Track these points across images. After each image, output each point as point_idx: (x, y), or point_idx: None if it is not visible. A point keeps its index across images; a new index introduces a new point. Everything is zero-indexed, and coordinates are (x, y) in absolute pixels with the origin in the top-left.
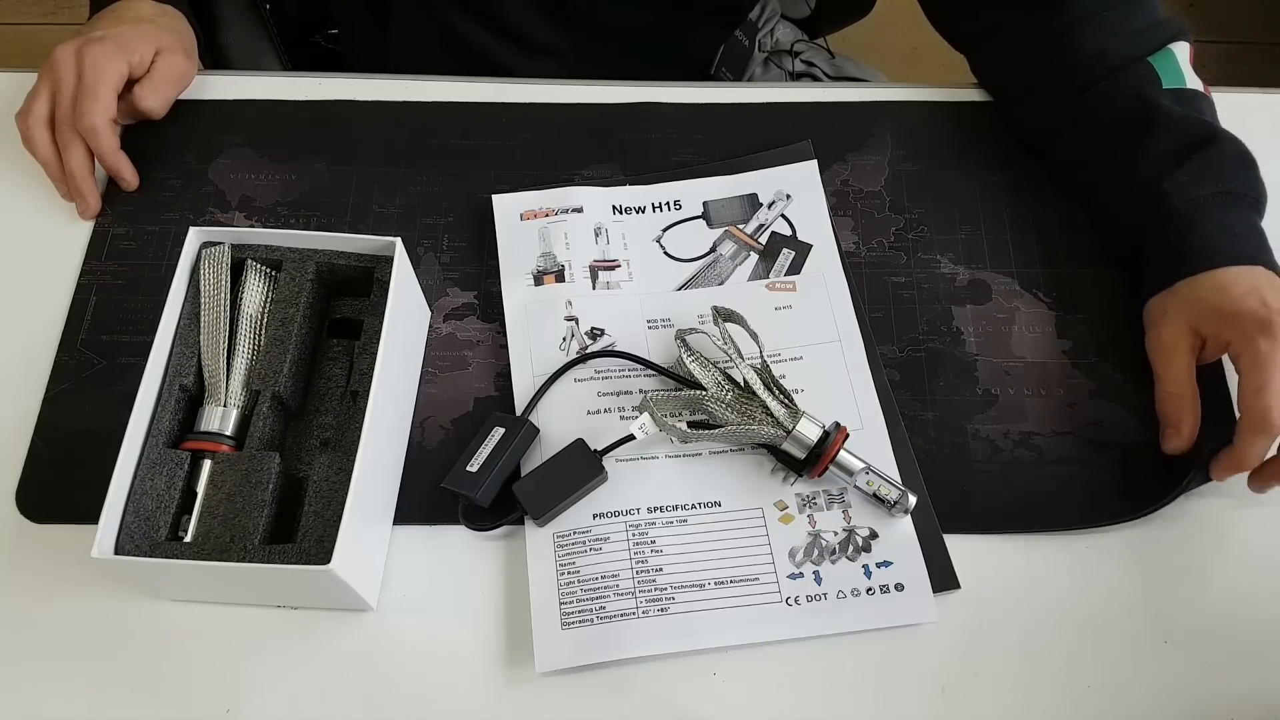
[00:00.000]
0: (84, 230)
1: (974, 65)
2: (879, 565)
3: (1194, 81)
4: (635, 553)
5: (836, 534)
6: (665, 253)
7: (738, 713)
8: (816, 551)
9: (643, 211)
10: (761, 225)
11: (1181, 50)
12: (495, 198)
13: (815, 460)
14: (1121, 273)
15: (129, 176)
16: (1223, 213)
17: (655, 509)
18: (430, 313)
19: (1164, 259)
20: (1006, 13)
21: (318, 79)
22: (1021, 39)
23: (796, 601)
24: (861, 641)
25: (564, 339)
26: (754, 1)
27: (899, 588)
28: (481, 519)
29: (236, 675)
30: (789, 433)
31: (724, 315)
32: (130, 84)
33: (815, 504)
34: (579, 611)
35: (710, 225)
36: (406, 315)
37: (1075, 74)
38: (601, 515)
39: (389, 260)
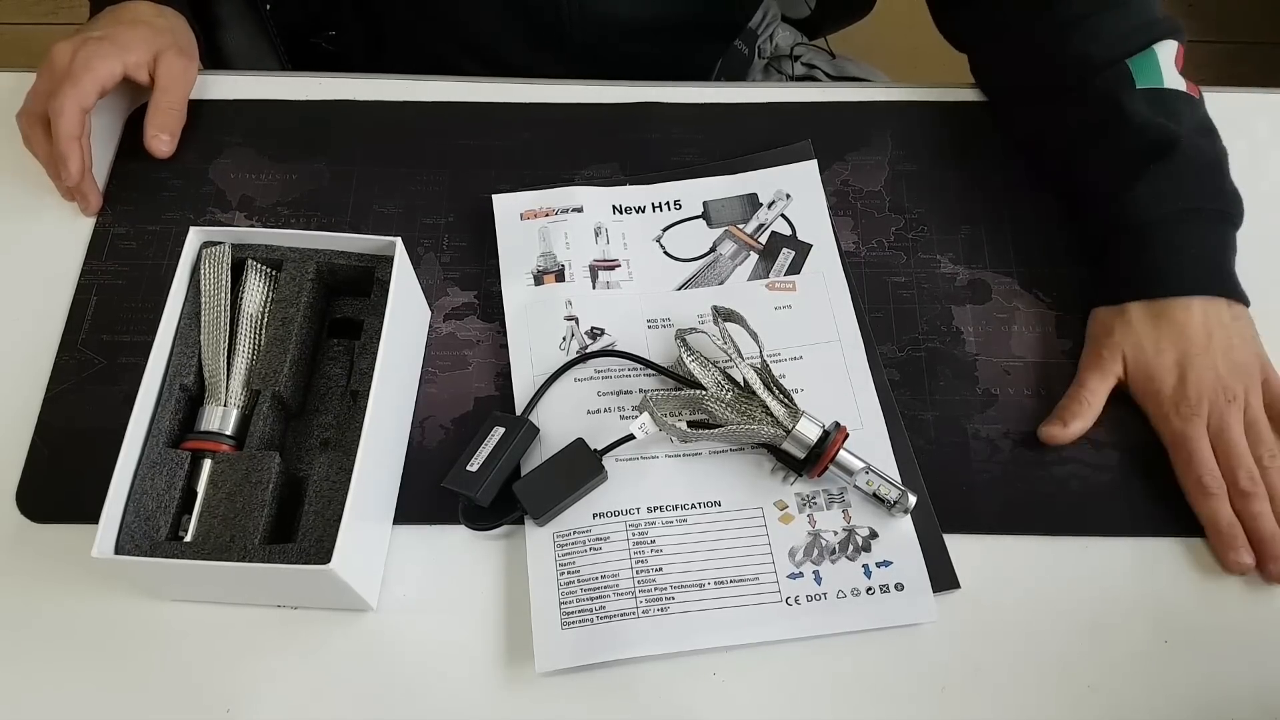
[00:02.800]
0: (84, 230)
1: (973, 67)
2: (879, 565)
3: (1173, 80)
4: (635, 552)
5: (836, 534)
6: (665, 252)
7: (738, 713)
8: (816, 551)
9: (643, 211)
10: (761, 225)
11: (1166, 50)
12: (495, 198)
13: (815, 460)
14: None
15: (74, 168)
16: (1179, 233)
17: (655, 509)
18: (430, 313)
19: (1116, 274)
20: (1001, 16)
21: (318, 79)
22: (1014, 42)
23: (796, 601)
24: (861, 641)
25: (564, 339)
26: (752, 12)
27: (899, 588)
28: (481, 519)
29: (236, 675)
30: (789, 432)
31: (724, 315)
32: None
33: (815, 504)
34: (579, 611)
35: (710, 225)
36: (406, 315)
37: (1058, 77)
38: (601, 515)
39: (389, 260)
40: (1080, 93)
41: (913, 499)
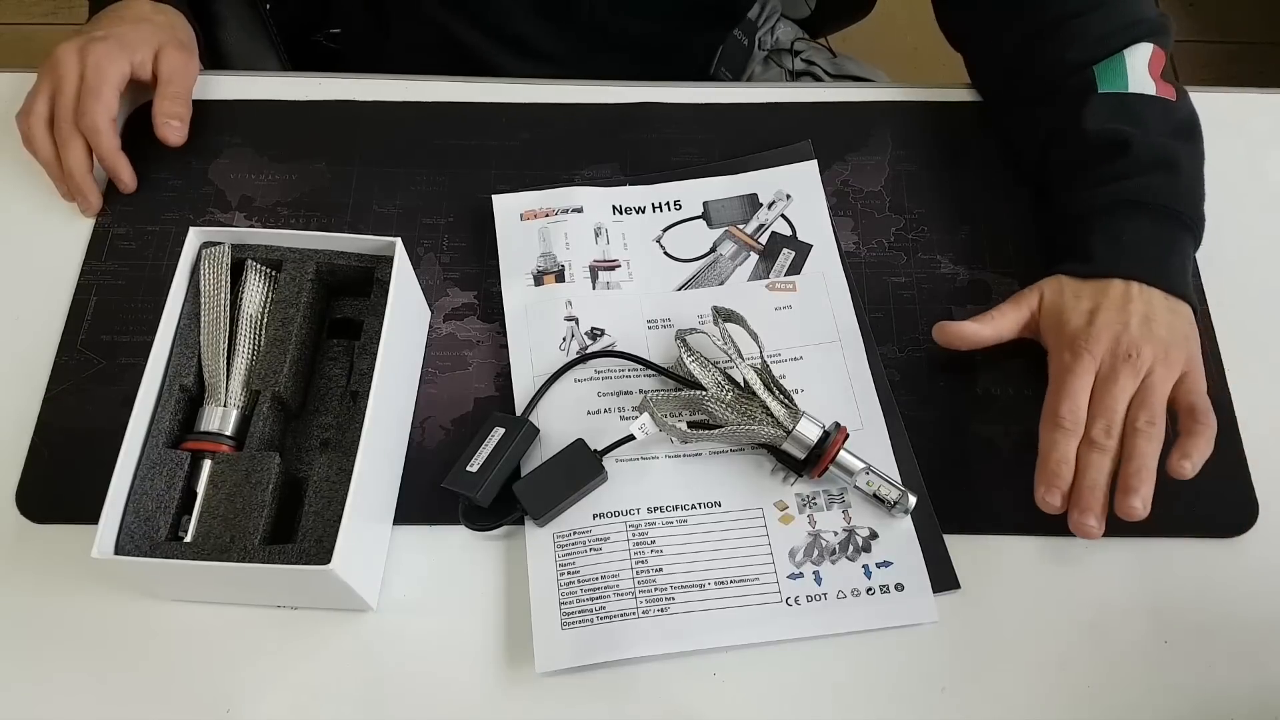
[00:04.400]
0: (84, 230)
1: (967, 68)
2: (879, 565)
3: (1140, 84)
4: (635, 553)
5: (836, 534)
6: (665, 253)
7: (738, 713)
8: (816, 551)
9: (643, 211)
10: (761, 225)
11: (1138, 53)
12: (495, 198)
13: (815, 460)
14: None
15: (127, 178)
16: (1115, 222)
17: (655, 509)
18: (430, 313)
19: (1054, 254)
20: (994, 17)
21: (318, 79)
22: (1002, 45)
23: (796, 601)
24: (861, 641)
25: (564, 339)
26: (751, 1)
27: (899, 588)
28: (481, 519)
29: (236, 675)
30: (789, 433)
31: (724, 315)
32: (136, 95)
33: (815, 504)
34: (579, 611)
35: (710, 225)
36: (406, 315)
37: (1035, 81)
38: (601, 515)
39: (389, 260)
40: (1050, 97)
41: (913, 499)
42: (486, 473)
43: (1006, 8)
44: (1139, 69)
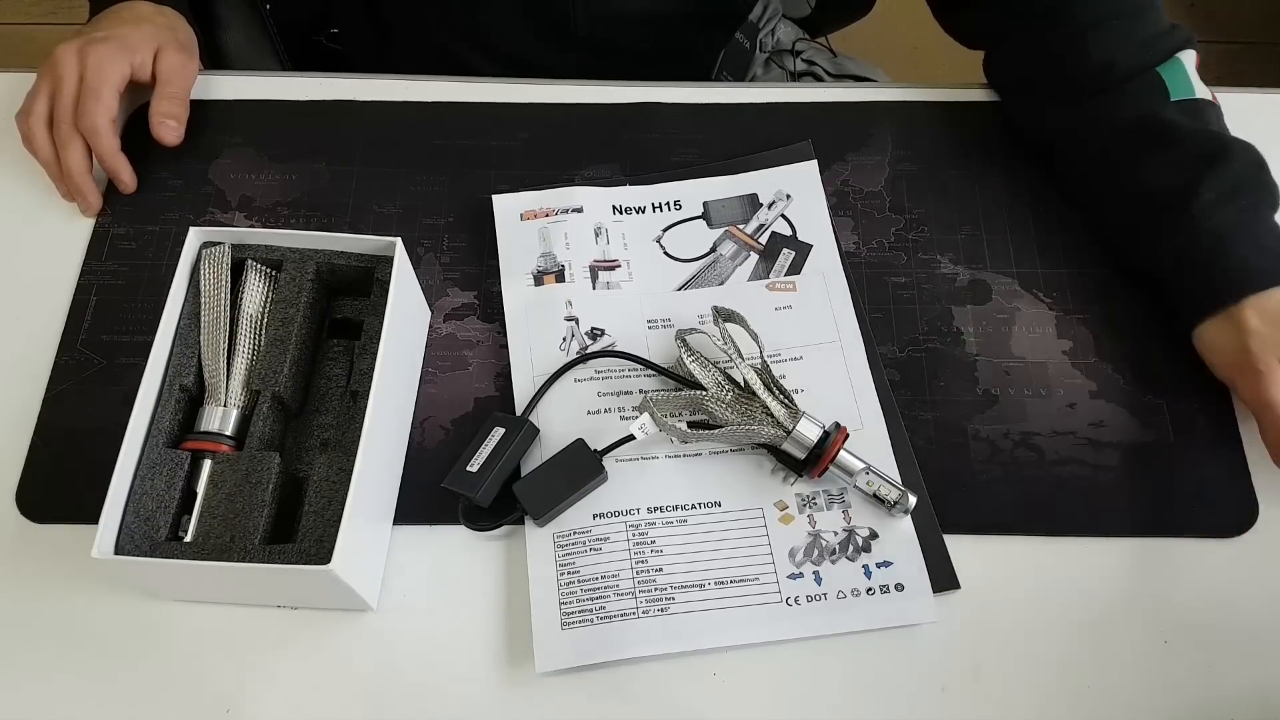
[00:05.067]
0: (84, 230)
1: (985, 65)
2: (879, 565)
3: (1202, 91)
4: (635, 553)
5: (836, 534)
6: (665, 253)
7: (738, 713)
8: (816, 551)
9: (643, 211)
10: (761, 225)
11: (1189, 59)
12: (495, 198)
13: (815, 460)
14: (1120, 272)
15: (127, 179)
16: (1253, 228)
17: (655, 509)
18: (430, 313)
19: (1206, 282)
20: (1014, 19)
21: (318, 79)
22: (1030, 45)
23: (796, 601)
24: (861, 641)
25: (564, 339)
26: (752, 4)
27: (899, 588)
28: (481, 519)
29: (236, 675)
30: (789, 433)
31: (724, 315)
32: (135, 95)
33: (815, 504)
34: (579, 611)
35: (710, 225)
36: (406, 315)
37: (1082, 82)
38: (601, 515)
39: (389, 260)
40: (1112, 99)
41: (913, 499)
42: (486, 473)
43: (1028, 9)
44: (1195, 74)
